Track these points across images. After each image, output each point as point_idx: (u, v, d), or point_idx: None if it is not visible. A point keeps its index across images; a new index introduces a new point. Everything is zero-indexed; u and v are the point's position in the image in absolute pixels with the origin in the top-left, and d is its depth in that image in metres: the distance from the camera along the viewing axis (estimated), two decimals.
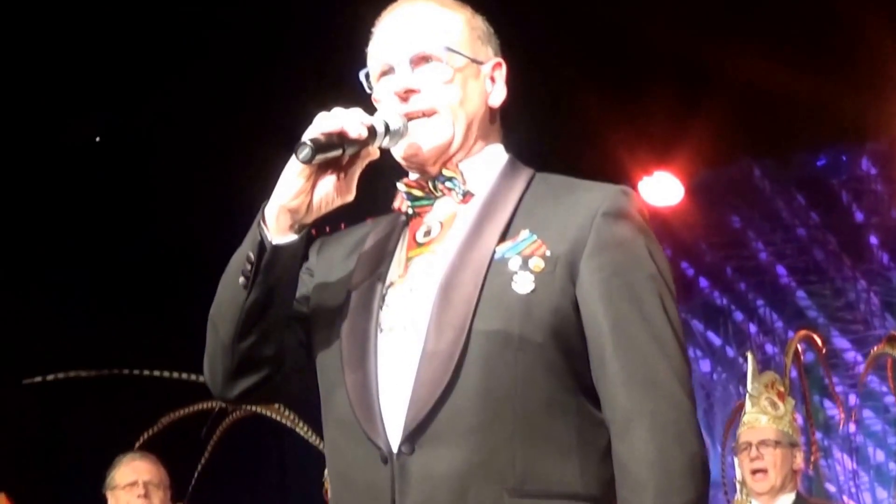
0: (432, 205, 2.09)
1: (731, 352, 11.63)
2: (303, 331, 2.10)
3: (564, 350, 1.94)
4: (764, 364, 8.85)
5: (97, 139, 6.36)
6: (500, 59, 2.15)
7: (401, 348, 1.97)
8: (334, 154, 1.96)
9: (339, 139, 1.95)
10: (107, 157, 6.34)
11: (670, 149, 6.82)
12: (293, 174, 1.97)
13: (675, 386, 1.92)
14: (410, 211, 2.10)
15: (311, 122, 1.97)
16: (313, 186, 1.99)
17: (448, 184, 2.08)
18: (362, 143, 1.98)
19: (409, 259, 2.06)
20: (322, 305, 2.09)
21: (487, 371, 1.91)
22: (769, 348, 11.33)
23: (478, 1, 2.18)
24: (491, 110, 2.13)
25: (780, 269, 11.28)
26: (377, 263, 2.07)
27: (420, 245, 2.06)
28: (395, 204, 2.12)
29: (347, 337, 2.02)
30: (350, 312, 2.03)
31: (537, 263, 1.95)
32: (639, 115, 6.34)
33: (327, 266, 2.14)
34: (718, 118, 6.23)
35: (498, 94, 2.13)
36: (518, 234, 1.99)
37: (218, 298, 2.05)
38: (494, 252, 1.97)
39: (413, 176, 2.11)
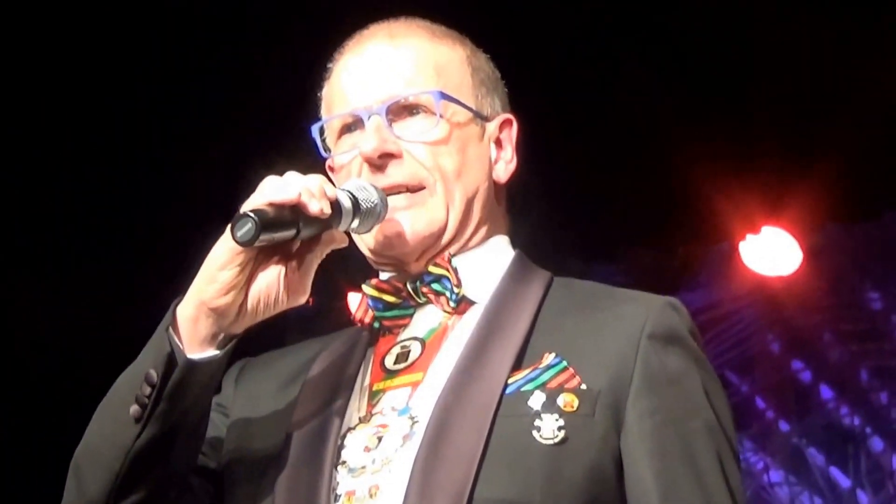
0: (410, 316, 1.91)
1: (865, 498, 9.39)
2: (208, 493, 1.86)
3: None
4: None
5: None
6: (510, 116, 1.97)
7: None
8: (285, 235, 1.72)
9: (292, 214, 1.71)
10: None
11: (785, 195, 5.90)
12: (223, 260, 1.72)
13: None
14: (377, 325, 1.91)
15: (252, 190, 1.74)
16: (250, 280, 1.75)
17: (436, 286, 1.88)
18: (323, 224, 1.75)
19: (374, 394, 1.86)
20: (243, 456, 1.86)
21: None
22: None
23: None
24: (496, 186, 1.96)
25: None
26: (329, 398, 1.85)
27: (391, 374, 1.86)
28: (357, 314, 1.92)
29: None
30: (289, 468, 1.79)
31: (568, 400, 1.76)
32: (744, 150, 5.57)
33: (250, 402, 1.92)
34: (852, 153, 5.40)
35: (506, 164, 1.96)
36: (541, 359, 1.80)
37: (91, 435, 1.79)
38: (507, 385, 1.78)
39: (384, 275, 1.92)
